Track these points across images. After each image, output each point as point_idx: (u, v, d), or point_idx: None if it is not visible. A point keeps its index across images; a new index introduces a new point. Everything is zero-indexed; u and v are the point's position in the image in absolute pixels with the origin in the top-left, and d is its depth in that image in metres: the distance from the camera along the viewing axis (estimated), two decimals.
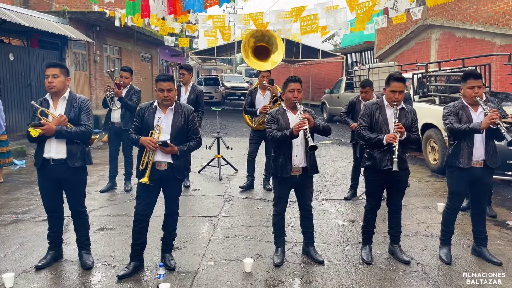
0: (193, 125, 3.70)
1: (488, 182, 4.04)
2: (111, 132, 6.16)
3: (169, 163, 3.59)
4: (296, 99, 3.80)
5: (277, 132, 3.76)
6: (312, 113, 3.87)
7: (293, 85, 3.82)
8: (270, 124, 3.86)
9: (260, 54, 6.34)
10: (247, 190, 6.39)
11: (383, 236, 4.52)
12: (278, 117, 3.86)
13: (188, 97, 6.11)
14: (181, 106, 3.71)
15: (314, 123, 3.69)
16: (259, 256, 4.09)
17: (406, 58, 15.43)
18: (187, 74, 6.15)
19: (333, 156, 9.46)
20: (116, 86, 5.94)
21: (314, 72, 25.11)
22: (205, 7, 5.46)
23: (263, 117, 6.10)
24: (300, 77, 4.03)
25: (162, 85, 3.54)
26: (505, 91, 8.72)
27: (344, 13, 8.92)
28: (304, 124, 3.57)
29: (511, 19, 10.06)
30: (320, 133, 3.84)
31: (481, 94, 3.97)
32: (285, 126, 3.80)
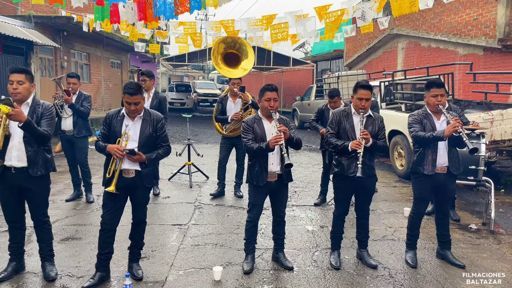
0: (162, 132, 3.65)
1: (451, 188, 4.17)
2: (64, 141, 5.96)
3: (137, 170, 3.53)
4: (272, 108, 3.81)
5: (253, 144, 3.76)
6: (287, 123, 3.91)
7: (269, 94, 3.82)
8: (246, 133, 3.85)
9: (230, 61, 6.35)
10: (218, 197, 6.36)
11: (352, 241, 4.58)
12: (254, 125, 3.87)
13: (150, 103, 6.04)
14: (150, 113, 3.65)
15: (289, 136, 3.72)
16: (228, 263, 4.07)
17: (374, 66, 15.81)
18: (148, 81, 6.08)
19: (303, 162, 9.55)
20: (66, 93, 5.67)
21: (285, 79, 25.34)
22: (176, 14, 5.44)
23: (234, 125, 6.11)
24: None
25: (129, 99, 3.44)
26: (467, 99, 9.06)
27: (313, 22, 9.07)
28: (280, 139, 3.59)
29: (473, 30, 10.49)
30: (292, 146, 3.87)
31: (444, 102, 4.10)
32: (261, 134, 3.82)
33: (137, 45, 13.45)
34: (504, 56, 9.68)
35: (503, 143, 6.71)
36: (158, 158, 3.64)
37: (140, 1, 6.02)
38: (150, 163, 3.56)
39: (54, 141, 6.48)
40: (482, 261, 4.22)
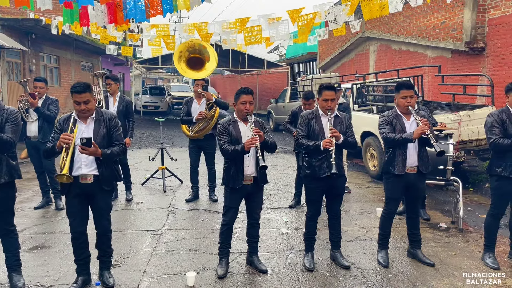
0: (116, 130, 3.55)
1: (421, 187, 4.27)
2: (29, 147, 5.77)
3: (95, 176, 3.44)
4: (248, 111, 3.81)
5: (229, 146, 3.76)
6: (263, 125, 3.92)
7: (245, 97, 3.82)
8: (222, 135, 3.85)
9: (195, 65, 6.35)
10: (192, 202, 6.31)
11: (325, 242, 4.61)
12: (230, 127, 3.86)
13: (117, 107, 5.94)
14: (102, 113, 3.55)
15: (264, 139, 3.72)
16: (202, 268, 4.04)
17: (347, 69, 16.05)
18: (114, 84, 5.98)
19: (278, 164, 9.58)
20: (31, 96, 5.45)
21: (260, 82, 25.42)
22: (147, 16, 5.37)
23: (200, 124, 6.08)
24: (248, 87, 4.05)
25: (78, 98, 3.33)
26: (436, 100, 9.30)
27: (286, 25, 9.12)
28: (256, 141, 3.60)
29: (441, 33, 10.78)
30: (267, 149, 3.87)
31: (413, 103, 4.20)
32: (236, 137, 3.81)
33: (109, 48, 13.19)
34: (471, 59, 9.99)
35: (470, 143, 6.91)
36: (114, 155, 3.46)
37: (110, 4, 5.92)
38: (105, 159, 3.40)
39: (22, 147, 6.28)
40: (452, 259, 4.32)
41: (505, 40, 9.05)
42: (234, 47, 13.33)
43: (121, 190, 6.51)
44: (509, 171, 3.92)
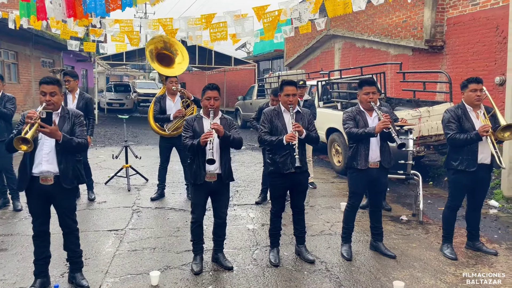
0: (80, 127, 3.46)
1: (384, 181, 4.37)
2: None
3: (56, 176, 3.33)
4: (212, 107, 3.78)
5: (189, 141, 3.75)
6: (230, 122, 3.90)
7: (210, 93, 3.80)
8: (186, 131, 3.85)
9: (163, 61, 6.25)
10: (158, 200, 6.21)
11: (291, 237, 4.65)
12: (194, 123, 3.85)
13: (76, 105, 5.77)
14: (69, 111, 3.49)
15: (224, 133, 3.69)
16: (167, 267, 3.98)
17: (313, 66, 16.23)
18: (72, 81, 5.81)
19: (246, 161, 9.58)
20: None
21: (228, 79, 25.33)
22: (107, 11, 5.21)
23: (177, 123, 6.00)
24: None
25: (45, 88, 3.28)
26: (398, 97, 9.55)
27: (251, 21, 9.11)
28: (210, 135, 3.57)
29: (402, 31, 11.07)
30: (230, 145, 3.85)
31: (375, 99, 4.29)
32: (200, 133, 3.78)
33: (70, 44, 12.77)
34: (431, 56, 10.32)
35: (430, 138, 7.14)
36: (74, 144, 3.31)
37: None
38: (65, 146, 3.26)
39: None
40: (412, 250, 4.46)
41: (462, 38, 9.39)
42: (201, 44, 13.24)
43: (83, 189, 6.33)
44: (465, 165, 4.07)
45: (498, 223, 5.37)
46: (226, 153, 3.86)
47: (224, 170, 3.83)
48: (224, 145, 3.82)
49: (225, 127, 3.79)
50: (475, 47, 9.05)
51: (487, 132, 3.87)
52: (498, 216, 5.64)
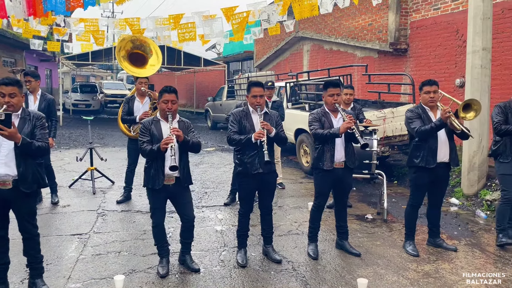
0: (42, 129, 3.36)
1: (348, 181, 4.45)
2: None
3: (14, 180, 3.22)
4: (170, 111, 3.73)
5: (147, 146, 3.68)
6: (188, 125, 3.87)
7: (167, 96, 3.74)
8: (142, 135, 3.75)
9: (136, 61, 6.14)
10: (124, 203, 6.10)
11: (258, 238, 4.67)
12: (152, 127, 3.77)
13: (38, 106, 5.60)
14: (29, 112, 3.38)
15: (184, 139, 3.66)
16: (132, 271, 3.92)
17: (282, 68, 16.36)
18: (34, 81, 5.63)
19: (215, 162, 9.54)
20: None
21: (198, 80, 25.17)
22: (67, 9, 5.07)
23: None
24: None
25: (3, 89, 3.16)
26: (364, 98, 9.76)
27: (220, 22, 9.11)
28: (171, 141, 3.53)
29: (368, 34, 11.33)
30: (189, 149, 3.81)
31: (340, 101, 4.37)
32: (158, 137, 3.72)
33: (33, 43, 12.41)
34: (396, 59, 10.60)
35: (394, 139, 7.34)
36: (34, 148, 3.21)
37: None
38: (24, 149, 3.16)
39: None
40: (376, 248, 4.56)
41: (425, 41, 9.70)
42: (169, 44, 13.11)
43: (46, 193, 6.14)
44: (425, 161, 4.20)
45: (458, 220, 5.57)
46: (184, 156, 3.82)
47: (183, 173, 3.78)
48: (183, 149, 3.78)
49: (183, 130, 3.75)
50: (437, 50, 9.37)
51: (448, 113, 3.95)
52: (458, 214, 5.85)
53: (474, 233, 5.06)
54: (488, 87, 6.25)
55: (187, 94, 27.42)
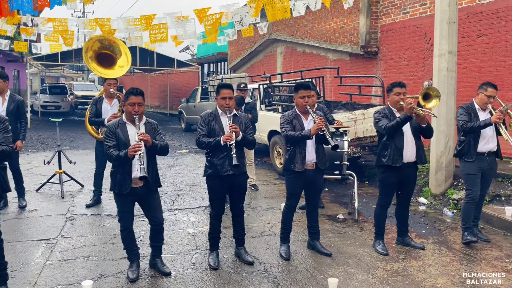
0: (5, 132, 3.26)
1: (319, 182, 4.50)
2: None
3: None
4: (136, 113, 3.66)
5: (114, 151, 3.59)
6: (155, 127, 3.81)
7: (133, 99, 3.65)
8: (108, 139, 3.66)
9: (104, 62, 6.02)
10: (94, 206, 5.98)
11: (231, 240, 4.65)
12: (118, 131, 3.68)
13: (7, 108, 5.44)
14: None
15: (152, 143, 3.60)
16: (101, 276, 3.84)
17: (256, 70, 16.41)
18: (2, 82, 5.47)
19: (189, 165, 9.47)
20: None
21: (171, 81, 24.94)
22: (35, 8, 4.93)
23: None
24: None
25: None
26: (336, 100, 9.89)
27: (193, 24, 9.05)
28: (139, 149, 3.46)
29: (340, 37, 11.50)
30: (157, 153, 3.76)
31: (311, 103, 4.41)
32: (124, 141, 3.64)
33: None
34: (366, 62, 10.80)
35: (365, 140, 7.47)
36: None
37: None
38: None
39: None
40: (347, 248, 4.63)
41: (394, 45, 9.93)
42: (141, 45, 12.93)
43: (12, 197, 5.95)
44: (391, 160, 4.29)
45: (426, 219, 5.71)
46: (152, 160, 3.76)
47: (152, 176, 3.73)
48: (151, 153, 3.72)
49: (150, 133, 3.70)
50: (406, 53, 9.60)
51: (410, 104, 4.02)
52: (426, 213, 6.00)
53: (441, 232, 5.20)
54: (454, 89, 6.45)
55: (161, 96, 27.13)
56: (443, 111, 6.27)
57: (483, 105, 4.61)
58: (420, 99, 4.16)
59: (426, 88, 4.20)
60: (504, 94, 7.28)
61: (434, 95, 4.16)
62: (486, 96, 4.56)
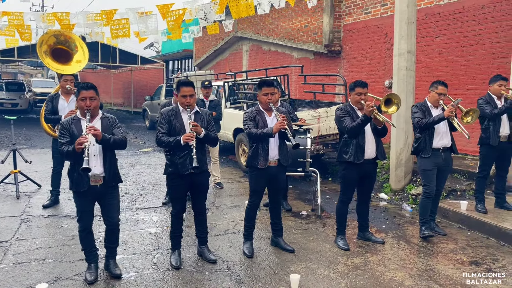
0: None
1: (282, 178, 4.52)
2: None
3: None
4: (88, 108, 3.56)
5: (66, 147, 3.48)
6: (111, 121, 3.71)
7: (84, 93, 3.56)
8: (62, 136, 3.55)
9: (60, 57, 5.82)
10: (51, 207, 5.77)
11: (194, 239, 4.60)
12: (71, 127, 3.58)
13: None
14: None
15: (102, 137, 3.49)
16: (57, 279, 3.71)
17: (222, 67, 16.33)
18: None
19: (152, 163, 9.30)
20: None
21: (135, 78, 24.43)
22: None
23: None
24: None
25: None
26: (301, 98, 9.99)
27: (155, 19, 8.89)
28: (85, 141, 3.35)
29: (304, 36, 11.61)
30: (111, 147, 3.63)
31: (274, 100, 4.41)
32: (78, 136, 3.52)
33: None
34: (330, 60, 10.96)
35: (328, 137, 7.57)
36: None
37: None
38: None
39: None
40: (309, 244, 4.68)
41: (357, 44, 10.12)
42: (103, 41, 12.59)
43: None
44: (353, 157, 4.36)
45: (386, 214, 5.86)
46: (110, 155, 3.66)
47: (109, 172, 3.63)
48: (105, 147, 3.61)
49: (107, 127, 3.62)
50: (368, 52, 9.81)
51: (372, 107, 4.09)
52: (387, 208, 6.16)
53: (401, 226, 5.35)
54: (413, 88, 6.63)
55: (125, 93, 26.53)
56: (403, 109, 6.43)
57: (435, 103, 4.77)
58: (382, 104, 4.24)
59: (389, 94, 4.29)
60: (460, 92, 7.58)
61: (395, 102, 4.26)
62: (437, 93, 4.72)
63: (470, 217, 5.24)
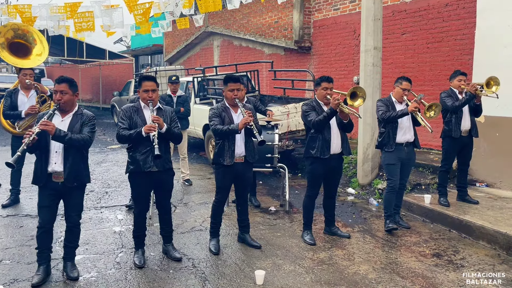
0: None
1: (248, 175, 4.49)
2: None
3: None
4: (60, 101, 3.49)
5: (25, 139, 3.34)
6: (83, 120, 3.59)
7: (56, 86, 3.53)
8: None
9: (18, 51, 5.59)
10: (11, 206, 5.55)
11: (159, 237, 4.51)
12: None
13: None
14: None
15: (55, 133, 3.34)
16: (14, 280, 3.57)
17: (193, 62, 16.14)
18: None
19: (120, 160, 9.11)
20: None
21: (104, 73, 23.86)
22: None
23: (31, 120, 5.40)
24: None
25: None
26: (271, 94, 9.98)
27: (121, 12, 8.68)
28: (26, 136, 3.25)
29: (275, 31, 11.60)
30: (67, 144, 3.47)
31: (240, 96, 4.37)
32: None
33: None
34: (300, 56, 11.00)
35: (298, 133, 7.60)
36: None
37: None
38: None
39: None
40: (276, 239, 4.67)
41: (326, 40, 10.19)
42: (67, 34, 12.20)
43: None
44: (320, 152, 4.37)
45: (353, 208, 5.93)
46: (73, 153, 3.52)
47: (69, 172, 3.50)
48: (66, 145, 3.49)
49: (74, 124, 3.56)
50: (337, 48, 9.89)
51: (337, 100, 4.12)
52: (354, 202, 6.23)
53: (367, 220, 5.42)
54: (379, 84, 6.72)
55: (93, 89, 25.87)
56: (369, 104, 6.51)
57: (399, 98, 4.85)
58: (347, 97, 4.27)
59: (353, 87, 4.32)
60: (425, 88, 7.74)
61: (360, 95, 4.29)
62: (401, 89, 4.81)
63: (433, 210, 5.36)
